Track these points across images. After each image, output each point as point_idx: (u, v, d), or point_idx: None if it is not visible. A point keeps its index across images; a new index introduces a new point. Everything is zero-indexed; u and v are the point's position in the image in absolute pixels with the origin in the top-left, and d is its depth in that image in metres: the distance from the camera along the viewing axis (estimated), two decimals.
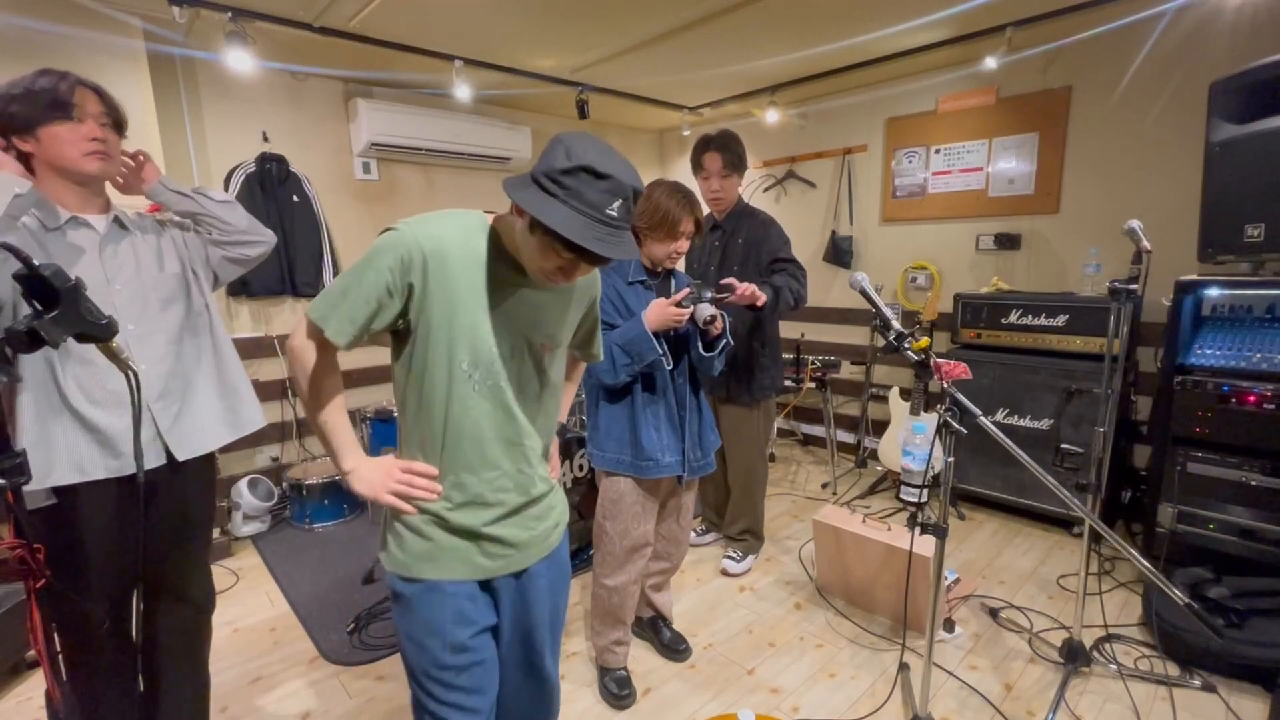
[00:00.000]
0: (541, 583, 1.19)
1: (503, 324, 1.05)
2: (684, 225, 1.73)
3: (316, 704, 1.91)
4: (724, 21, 2.80)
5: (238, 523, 3.08)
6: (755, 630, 2.28)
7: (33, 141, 1.25)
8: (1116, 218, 2.98)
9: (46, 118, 1.24)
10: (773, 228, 2.57)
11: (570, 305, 1.17)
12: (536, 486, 1.15)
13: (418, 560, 1.08)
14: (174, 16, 2.49)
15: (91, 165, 1.29)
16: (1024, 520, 3.12)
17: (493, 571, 1.11)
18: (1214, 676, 1.93)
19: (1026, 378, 3.01)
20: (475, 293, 1.03)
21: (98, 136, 1.29)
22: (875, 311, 1.61)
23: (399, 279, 1.00)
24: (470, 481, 1.08)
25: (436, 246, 1.01)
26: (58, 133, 1.25)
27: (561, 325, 1.15)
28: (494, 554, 1.11)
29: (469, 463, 1.07)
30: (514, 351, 1.07)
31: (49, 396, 1.26)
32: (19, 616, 2.01)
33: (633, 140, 5.03)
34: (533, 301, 1.09)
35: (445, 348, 1.03)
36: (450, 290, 1.02)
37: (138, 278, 1.37)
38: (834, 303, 4.20)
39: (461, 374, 1.04)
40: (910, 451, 1.73)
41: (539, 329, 1.10)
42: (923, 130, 3.69)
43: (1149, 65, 2.87)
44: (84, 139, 1.27)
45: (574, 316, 1.19)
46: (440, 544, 1.08)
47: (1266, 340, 2.26)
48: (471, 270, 1.03)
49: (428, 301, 1.01)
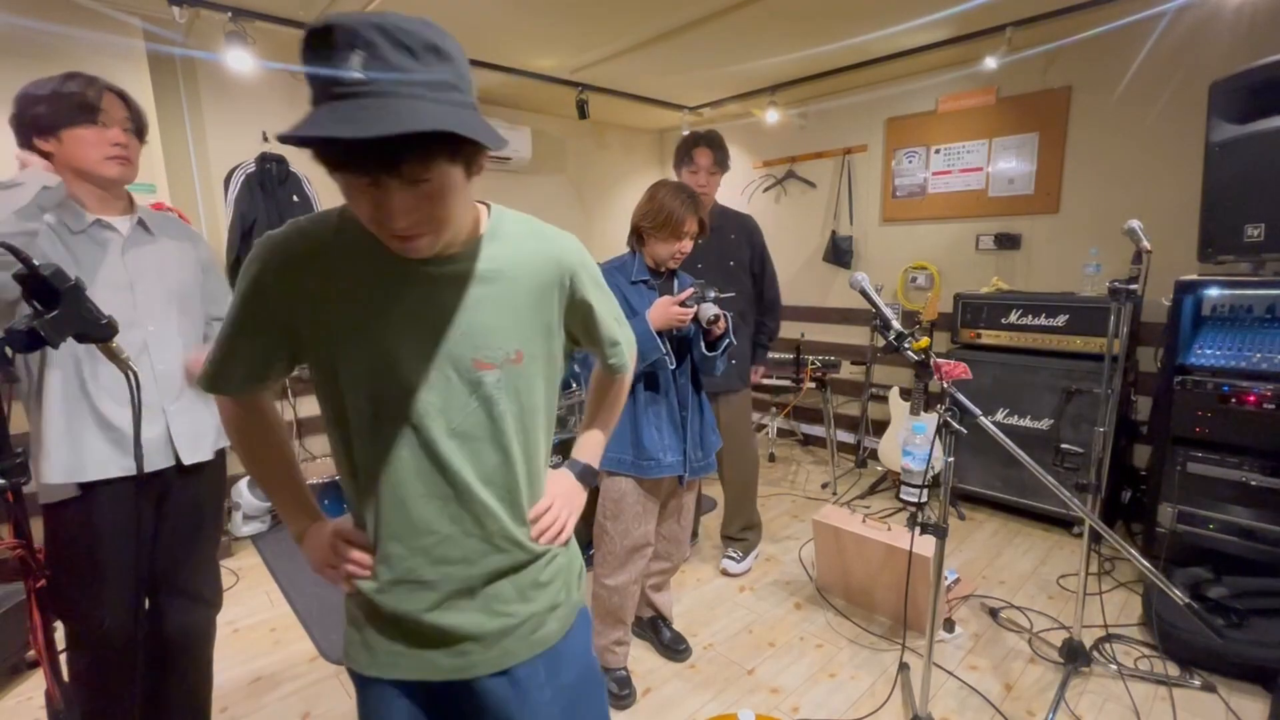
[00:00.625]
0: (540, 696, 0.87)
1: (407, 336, 0.77)
2: (688, 225, 1.74)
3: (316, 704, 1.91)
4: (724, 21, 2.80)
5: (238, 523, 3.08)
6: (755, 630, 2.28)
7: (54, 142, 1.26)
8: (1116, 218, 2.98)
9: (71, 120, 1.26)
10: (756, 234, 2.65)
11: (517, 296, 0.82)
12: (505, 556, 0.85)
13: (354, 648, 0.86)
14: (174, 16, 2.49)
15: (112, 170, 1.31)
16: (1024, 520, 3.12)
17: (453, 673, 0.84)
18: (1214, 676, 1.93)
19: (1026, 378, 3.00)
20: (352, 297, 0.76)
21: (120, 142, 1.31)
22: (875, 311, 1.62)
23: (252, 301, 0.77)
24: (397, 553, 0.81)
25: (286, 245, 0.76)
26: (81, 135, 1.27)
27: (506, 329, 0.81)
28: (450, 650, 0.83)
29: (393, 528, 0.81)
30: (433, 375, 0.78)
31: (74, 392, 1.29)
32: (19, 616, 2.01)
33: (633, 140, 5.04)
34: (449, 300, 0.78)
35: (331, 378, 0.78)
36: (317, 299, 0.76)
37: (160, 281, 1.40)
38: (834, 303, 4.20)
39: (358, 412, 0.78)
40: (910, 451, 1.73)
41: (468, 339, 0.79)
42: (923, 130, 3.69)
43: (1149, 65, 2.87)
44: (107, 143, 1.29)
45: (530, 314, 0.84)
46: (373, 635, 0.84)
47: (1266, 340, 2.26)
48: (341, 266, 0.76)
49: (296, 323, 0.77)
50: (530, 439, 0.87)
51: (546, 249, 0.86)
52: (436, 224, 0.69)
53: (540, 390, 0.87)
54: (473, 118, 0.64)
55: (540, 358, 0.86)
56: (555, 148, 4.53)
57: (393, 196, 0.64)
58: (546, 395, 0.89)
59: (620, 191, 4.97)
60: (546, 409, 0.90)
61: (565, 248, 0.88)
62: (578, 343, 0.96)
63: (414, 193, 0.64)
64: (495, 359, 0.80)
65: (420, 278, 0.77)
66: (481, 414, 0.81)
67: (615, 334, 0.98)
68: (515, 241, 0.84)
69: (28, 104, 1.25)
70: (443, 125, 0.58)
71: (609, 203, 4.93)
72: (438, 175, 0.64)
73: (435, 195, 0.66)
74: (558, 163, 4.59)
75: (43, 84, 1.25)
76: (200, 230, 1.47)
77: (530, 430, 0.86)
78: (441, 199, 0.66)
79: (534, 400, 0.86)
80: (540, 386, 0.87)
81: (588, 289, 0.91)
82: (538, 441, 0.89)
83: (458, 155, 0.65)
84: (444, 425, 0.79)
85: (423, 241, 0.69)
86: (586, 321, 0.93)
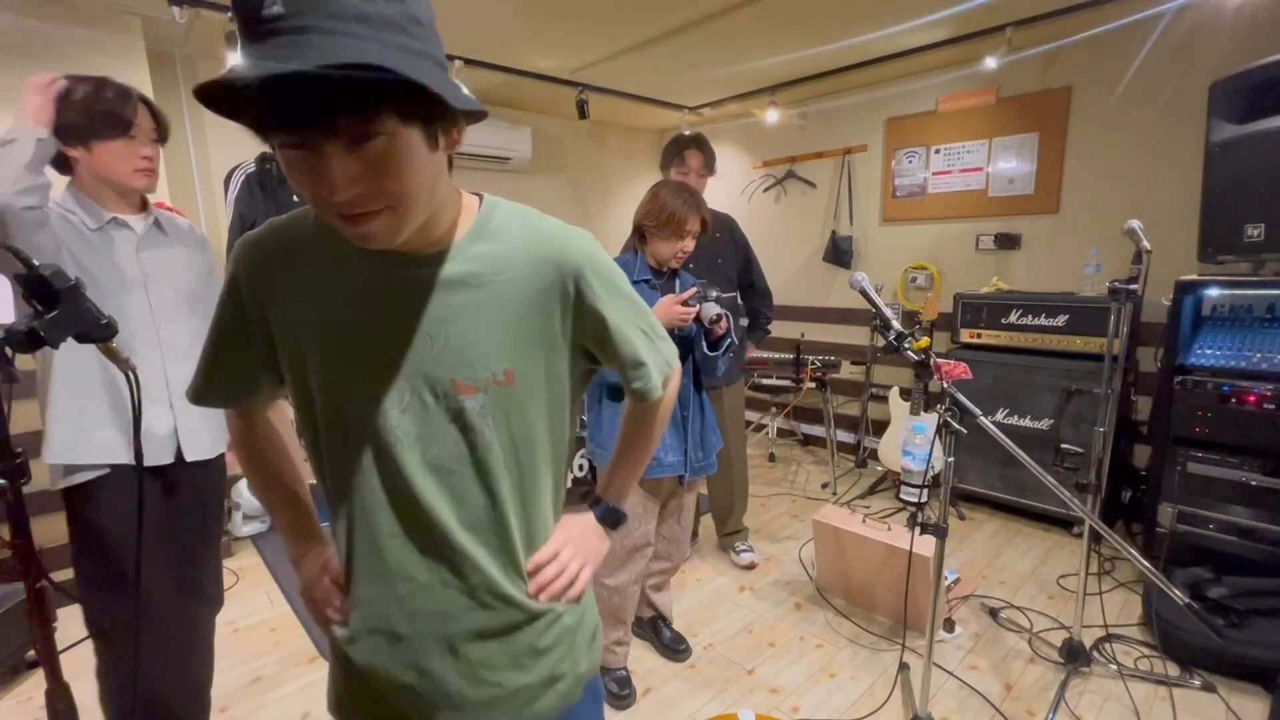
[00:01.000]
0: None
1: (378, 350, 0.67)
2: (690, 224, 1.75)
3: (316, 704, 1.91)
4: (724, 21, 2.80)
5: (238, 523, 3.08)
6: (755, 630, 2.28)
7: (82, 150, 1.27)
8: (1116, 218, 2.98)
9: (104, 134, 1.27)
10: (737, 230, 2.71)
11: (506, 305, 0.69)
12: (492, 614, 0.72)
13: (331, 694, 0.79)
14: (174, 16, 2.49)
15: (139, 182, 1.34)
16: (1024, 520, 3.12)
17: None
18: (1214, 676, 1.93)
19: (1026, 378, 3.01)
20: (321, 301, 0.68)
21: (148, 155, 1.34)
22: (875, 311, 1.62)
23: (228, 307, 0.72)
24: (369, 597, 0.72)
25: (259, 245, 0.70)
26: (112, 149, 1.28)
27: (492, 344, 0.69)
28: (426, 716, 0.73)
29: (365, 567, 0.71)
30: (407, 397, 0.67)
31: (90, 380, 1.30)
32: (19, 616, 2.01)
33: (633, 140, 5.04)
34: (425, 309, 0.67)
35: (302, 389, 0.71)
36: (288, 300, 0.69)
37: (172, 281, 1.41)
38: (834, 303, 4.20)
39: (330, 430, 0.70)
40: (910, 451, 1.73)
41: (446, 355, 0.67)
42: (923, 130, 3.69)
43: (1149, 65, 2.87)
44: (136, 156, 1.31)
45: (524, 326, 0.70)
46: (345, 687, 0.76)
47: (1266, 340, 2.26)
48: (313, 265, 0.69)
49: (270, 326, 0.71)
50: (527, 476, 0.73)
51: (543, 246, 0.71)
52: (392, 200, 0.57)
53: (540, 418, 0.73)
54: (422, 64, 0.53)
55: (538, 379, 0.72)
56: (555, 148, 4.53)
57: (330, 162, 0.53)
58: (550, 423, 0.75)
59: (620, 192, 4.97)
60: (552, 440, 0.76)
61: (566, 245, 0.72)
62: (597, 361, 0.80)
63: (356, 157, 0.54)
64: (478, 380, 0.68)
65: (395, 281, 0.67)
66: (463, 445, 0.69)
67: (639, 352, 0.78)
68: (506, 238, 0.71)
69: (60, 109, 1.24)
70: (366, 58, 0.47)
71: (609, 203, 4.93)
72: (384, 135, 0.53)
73: (383, 161, 0.54)
74: (557, 163, 4.59)
75: (76, 89, 1.25)
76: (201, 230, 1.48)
77: (526, 465, 0.73)
78: (392, 167, 0.55)
79: (530, 430, 0.72)
80: (539, 413, 0.73)
81: (599, 296, 0.73)
82: (537, 479, 0.75)
83: (411, 114, 0.54)
84: (419, 456, 0.68)
85: (377, 223, 0.57)
86: (600, 336, 0.76)
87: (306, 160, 0.54)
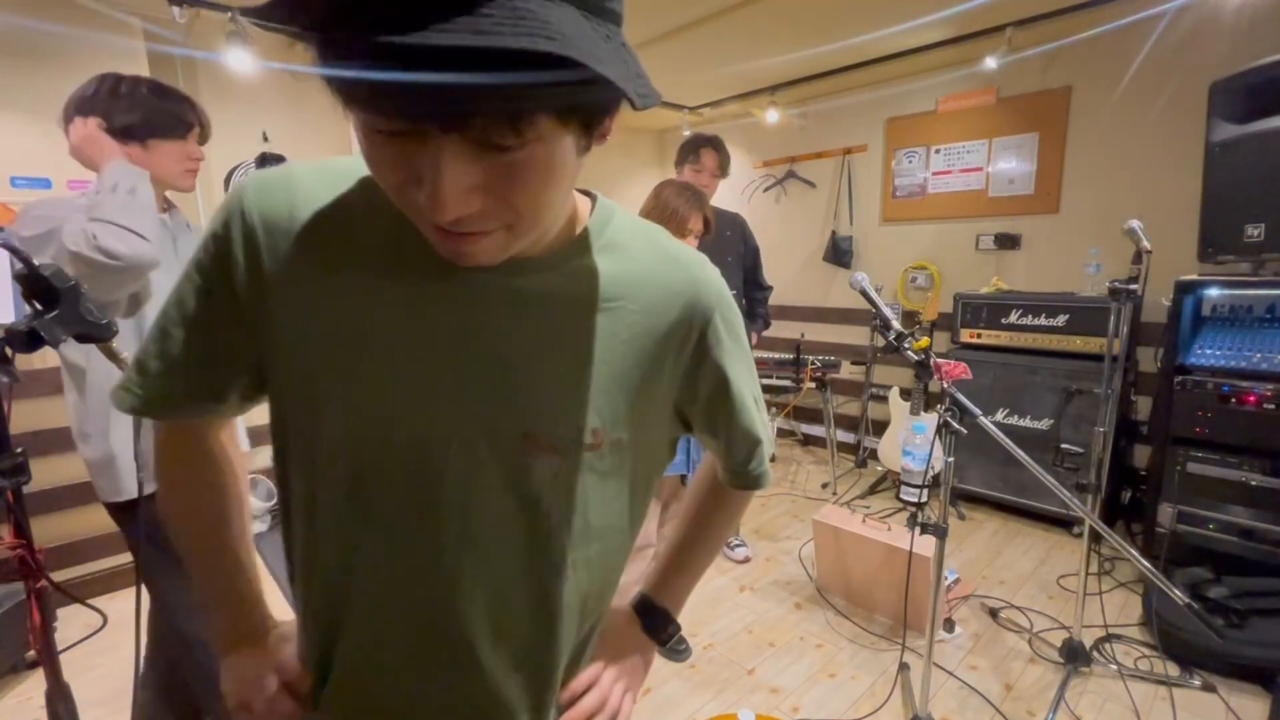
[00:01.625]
0: None
1: (423, 380, 0.49)
2: (693, 223, 1.75)
3: None
4: (724, 21, 2.80)
5: None
6: (755, 630, 2.28)
7: (137, 147, 1.29)
8: (1116, 218, 2.98)
9: (165, 133, 1.30)
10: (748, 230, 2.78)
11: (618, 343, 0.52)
12: None
13: None
14: (174, 16, 2.49)
15: (188, 181, 1.38)
16: (1024, 520, 3.12)
17: None
18: (1214, 676, 1.93)
19: (1026, 378, 3.01)
20: (352, 300, 0.48)
21: (197, 156, 1.38)
22: (875, 311, 1.62)
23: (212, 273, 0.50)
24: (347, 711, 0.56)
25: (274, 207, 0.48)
26: (167, 149, 1.32)
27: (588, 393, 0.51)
28: None
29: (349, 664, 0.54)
30: (454, 448, 0.49)
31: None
32: (19, 616, 2.01)
33: (633, 140, 5.04)
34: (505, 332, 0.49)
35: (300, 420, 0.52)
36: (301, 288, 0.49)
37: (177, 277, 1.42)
38: (834, 303, 4.20)
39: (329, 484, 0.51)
40: (910, 451, 1.74)
41: (521, 400, 0.50)
42: (923, 130, 3.69)
43: (1149, 65, 2.87)
44: (188, 157, 1.36)
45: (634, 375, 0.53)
46: None
47: (1266, 340, 2.26)
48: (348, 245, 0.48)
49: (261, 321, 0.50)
50: (595, 575, 0.56)
51: (674, 275, 0.54)
52: (515, 218, 0.41)
53: (622, 499, 0.56)
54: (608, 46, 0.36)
55: (632, 448, 0.55)
56: None
57: (444, 169, 0.36)
58: (632, 509, 0.58)
59: (620, 192, 4.97)
60: (632, 530, 0.59)
61: (700, 278, 0.56)
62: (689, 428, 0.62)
63: (482, 164, 0.37)
64: (560, 439, 0.50)
65: (469, 287, 0.48)
66: (519, 523, 0.51)
67: (756, 426, 0.62)
68: (628, 254, 0.53)
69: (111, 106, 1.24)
70: (563, 45, 0.30)
71: None
72: (534, 142, 0.37)
73: (518, 173, 0.38)
74: None
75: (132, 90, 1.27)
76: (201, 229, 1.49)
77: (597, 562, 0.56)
78: (529, 179, 0.39)
79: (610, 515, 0.55)
80: (624, 493, 0.57)
81: (725, 350, 0.57)
82: (607, 583, 0.59)
83: (573, 112, 0.38)
84: (457, 530, 0.50)
85: (486, 243, 0.41)
86: (713, 401, 0.59)
87: (406, 153, 0.37)
